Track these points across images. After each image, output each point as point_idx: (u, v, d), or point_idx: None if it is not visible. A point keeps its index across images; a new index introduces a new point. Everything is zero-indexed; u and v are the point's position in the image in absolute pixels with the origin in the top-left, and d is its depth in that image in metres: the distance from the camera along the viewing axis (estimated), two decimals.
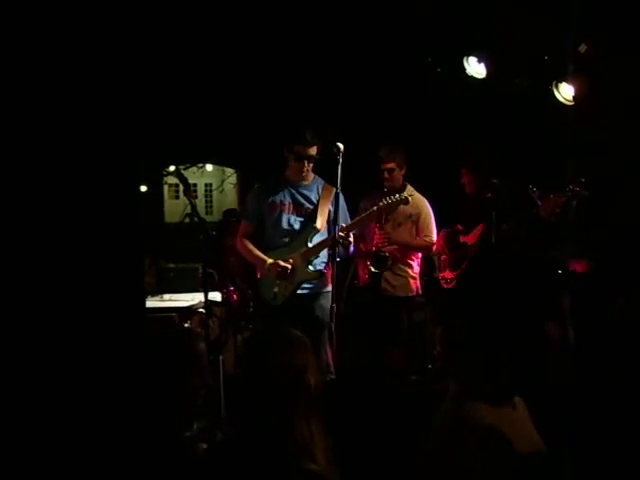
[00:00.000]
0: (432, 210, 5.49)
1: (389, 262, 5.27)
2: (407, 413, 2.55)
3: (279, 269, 4.62)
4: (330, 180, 4.65)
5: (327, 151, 4.57)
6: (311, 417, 2.14)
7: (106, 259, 2.99)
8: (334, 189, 4.67)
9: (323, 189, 4.77)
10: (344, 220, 4.69)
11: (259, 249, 4.78)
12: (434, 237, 5.44)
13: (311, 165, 4.69)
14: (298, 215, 4.74)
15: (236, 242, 4.89)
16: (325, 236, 4.66)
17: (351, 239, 4.56)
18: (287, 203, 4.74)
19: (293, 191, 4.76)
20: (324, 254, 4.66)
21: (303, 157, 4.64)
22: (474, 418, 1.66)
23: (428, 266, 6.21)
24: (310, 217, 4.72)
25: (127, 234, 3.08)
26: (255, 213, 4.80)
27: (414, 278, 5.51)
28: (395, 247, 5.35)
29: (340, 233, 4.46)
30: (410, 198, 4.87)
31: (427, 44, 6.00)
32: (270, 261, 4.67)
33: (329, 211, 4.73)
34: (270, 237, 4.77)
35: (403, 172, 5.43)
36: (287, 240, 4.72)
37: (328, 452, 2.14)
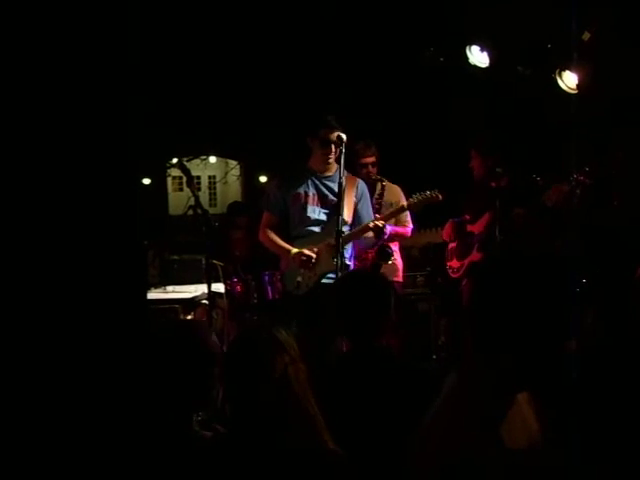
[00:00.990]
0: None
1: (392, 257, 5.27)
2: (410, 403, 2.53)
3: (304, 258, 4.60)
4: None
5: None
6: (313, 404, 2.18)
7: (107, 251, 2.98)
8: (357, 179, 4.76)
9: (347, 180, 4.73)
10: (367, 210, 4.79)
11: (283, 240, 4.77)
12: (410, 222, 5.51)
13: (338, 151, 4.58)
14: (323, 207, 4.71)
15: (259, 235, 4.87)
16: (351, 228, 4.66)
17: (387, 229, 4.73)
18: (311, 195, 4.71)
19: (317, 182, 4.73)
20: (349, 247, 4.68)
21: (329, 142, 4.59)
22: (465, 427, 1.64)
23: (433, 257, 6.22)
24: (335, 209, 4.64)
25: (127, 226, 3.08)
26: (278, 204, 4.77)
27: (399, 264, 5.56)
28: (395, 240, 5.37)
29: (378, 223, 4.62)
30: (386, 186, 5.02)
31: (429, 33, 5.97)
32: (295, 250, 4.65)
33: (354, 202, 4.73)
34: (295, 228, 4.75)
35: (377, 164, 5.59)
36: (313, 231, 4.70)
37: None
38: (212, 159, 12.48)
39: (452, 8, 5.55)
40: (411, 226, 5.55)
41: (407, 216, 5.50)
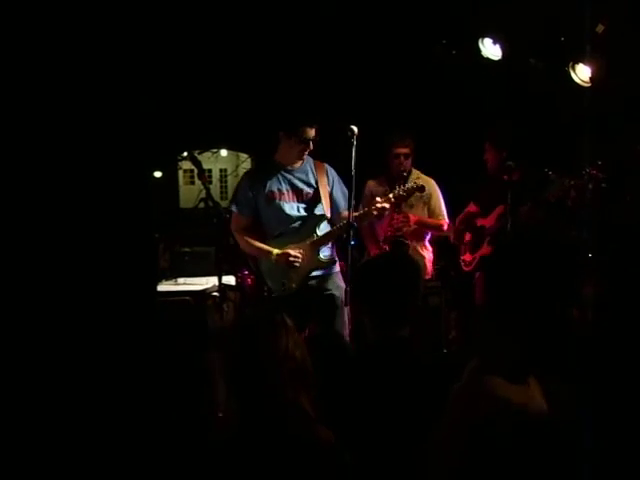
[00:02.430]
0: (443, 191, 5.55)
1: (408, 249, 5.24)
2: (424, 395, 2.52)
3: (290, 258, 4.48)
4: (345, 164, 4.58)
5: (341, 134, 4.53)
6: (305, 391, 2.20)
7: (119, 244, 2.99)
8: (324, 165, 4.64)
9: (316, 168, 4.64)
10: (342, 192, 4.66)
11: (258, 240, 4.63)
12: (446, 217, 5.49)
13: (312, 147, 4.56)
14: (299, 201, 4.59)
15: (234, 235, 4.72)
16: (330, 220, 4.59)
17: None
18: (285, 191, 4.58)
19: (289, 176, 4.60)
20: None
21: (308, 139, 4.51)
22: (489, 391, 1.67)
23: (444, 251, 6.20)
24: (313, 202, 4.59)
25: (139, 219, 3.08)
26: (249, 204, 4.62)
27: (430, 261, 5.54)
28: (413, 228, 5.33)
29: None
30: (420, 182, 4.94)
31: (442, 26, 5.94)
32: (277, 251, 4.52)
33: (329, 191, 4.62)
34: (271, 227, 4.61)
35: (412, 157, 5.49)
36: (293, 228, 4.58)
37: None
38: (223, 152, 12.44)
39: (465, 0, 5.52)
40: (447, 221, 5.51)
41: (440, 208, 5.47)
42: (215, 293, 5.20)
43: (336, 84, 6.88)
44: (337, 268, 4.62)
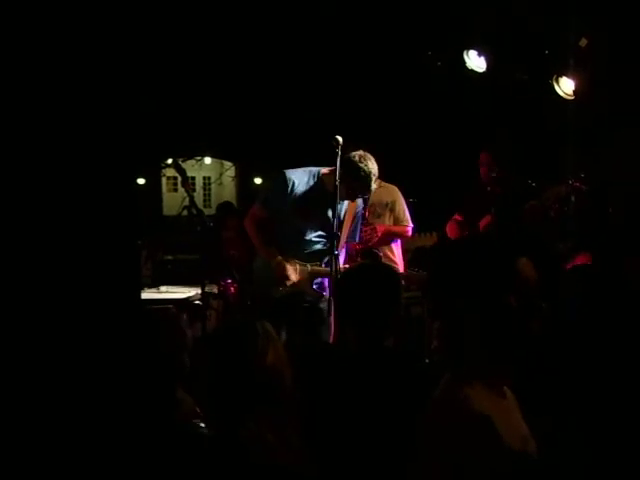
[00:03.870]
0: (430, 199, 5.58)
1: (381, 259, 5.23)
2: (404, 405, 2.52)
3: (285, 273, 4.46)
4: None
5: (325, 144, 4.52)
6: (274, 413, 2.06)
7: (101, 251, 2.97)
8: (357, 202, 4.62)
9: (349, 203, 4.58)
10: (355, 230, 4.70)
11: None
12: (410, 222, 5.49)
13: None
14: (322, 230, 4.52)
15: (245, 221, 4.66)
16: (340, 255, 4.49)
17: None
18: (313, 216, 4.52)
19: (327, 203, 4.39)
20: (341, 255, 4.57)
21: (357, 194, 4.49)
22: (461, 402, 1.66)
23: (426, 262, 6.21)
24: (332, 235, 4.32)
25: (122, 225, 3.06)
26: (277, 205, 4.53)
27: (402, 266, 5.54)
28: (379, 237, 5.28)
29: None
30: (380, 186, 5.02)
31: (427, 37, 5.97)
32: (280, 259, 4.47)
33: (349, 227, 4.60)
34: (283, 237, 4.54)
35: None
36: (302, 249, 4.54)
37: (298, 447, 2.06)
38: (207, 160, 12.44)
39: (450, 12, 5.56)
40: (411, 225, 5.51)
41: (405, 215, 5.46)
42: (198, 301, 5.18)
43: (321, 94, 6.90)
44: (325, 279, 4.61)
